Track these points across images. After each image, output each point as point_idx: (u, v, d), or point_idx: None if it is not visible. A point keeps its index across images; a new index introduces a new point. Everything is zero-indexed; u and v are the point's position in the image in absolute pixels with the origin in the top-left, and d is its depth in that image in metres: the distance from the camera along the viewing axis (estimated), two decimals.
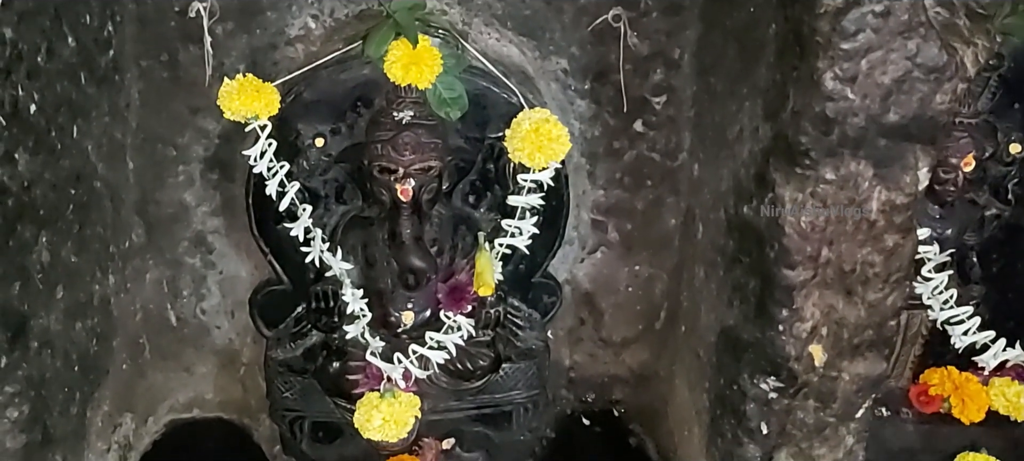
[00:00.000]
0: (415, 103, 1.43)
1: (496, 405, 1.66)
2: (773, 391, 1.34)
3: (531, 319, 1.66)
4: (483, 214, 1.56)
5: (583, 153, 1.69)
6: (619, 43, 1.56)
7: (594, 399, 1.91)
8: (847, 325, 1.30)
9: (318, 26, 1.55)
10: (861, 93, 1.14)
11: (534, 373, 1.67)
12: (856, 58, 1.11)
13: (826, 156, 1.18)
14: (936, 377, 1.77)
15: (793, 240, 1.23)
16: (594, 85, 1.62)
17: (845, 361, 1.32)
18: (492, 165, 1.53)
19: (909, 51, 1.12)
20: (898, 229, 1.23)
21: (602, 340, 1.87)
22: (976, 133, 1.54)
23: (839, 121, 1.15)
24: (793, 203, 1.21)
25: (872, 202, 1.21)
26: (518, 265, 1.62)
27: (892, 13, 1.09)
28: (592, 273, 1.81)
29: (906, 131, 1.16)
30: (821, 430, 1.37)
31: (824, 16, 1.10)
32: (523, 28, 1.57)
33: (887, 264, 1.25)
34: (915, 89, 1.14)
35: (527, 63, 1.60)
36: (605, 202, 1.74)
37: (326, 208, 1.53)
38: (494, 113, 1.50)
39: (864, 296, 1.27)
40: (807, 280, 1.26)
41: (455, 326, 1.53)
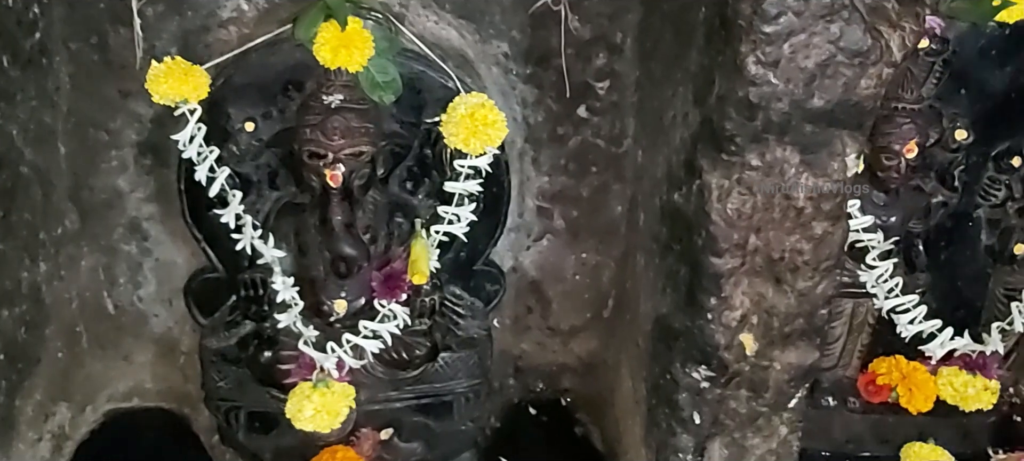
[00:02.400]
0: (346, 87, 1.41)
1: (436, 395, 1.64)
2: (705, 380, 1.32)
3: (473, 308, 1.64)
4: (421, 200, 1.54)
5: (527, 139, 1.66)
6: (560, 27, 1.53)
7: (542, 388, 1.89)
8: (777, 314, 1.28)
9: (251, 8, 1.52)
10: (784, 78, 1.11)
11: (475, 362, 1.64)
12: (778, 42, 1.09)
13: (751, 142, 1.15)
14: (884, 366, 1.75)
15: (720, 227, 1.20)
16: (536, 70, 1.60)
17: (776, 350, 1.30)
18: (429, 150, 1.51)
19: (832, 35, 1.10)
20: (827, 216, 1.20)
21: (550, 328, 1.85)
22: (919, 119, 1.52)
23: (763, 106, 1.13)
24: (719, 190, 1.19)
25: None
26: (459, 253, 1.59)
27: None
28: (539, 261, 1.78)
29: (832, 116, 1.14)
30: (754, 420, 1.35)
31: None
32: (462, 11, 1.54)
33: (816, 252, 1.23)
34: (839, 74, 1.12)
35: (467, 47, 1.57)
36: (550, 189, 1.71)
37: (259, 194, 1.51)
38: (430, 97, 1.47)
39: (794, 284, 1.25)
40: (735, 268, 1.24)
41: (390, 315, 1.51)
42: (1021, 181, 1.63)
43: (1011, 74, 1.55)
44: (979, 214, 1.66)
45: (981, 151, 1.61)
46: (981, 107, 1.57)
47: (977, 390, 1.70)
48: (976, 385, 1.70)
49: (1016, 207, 1.65)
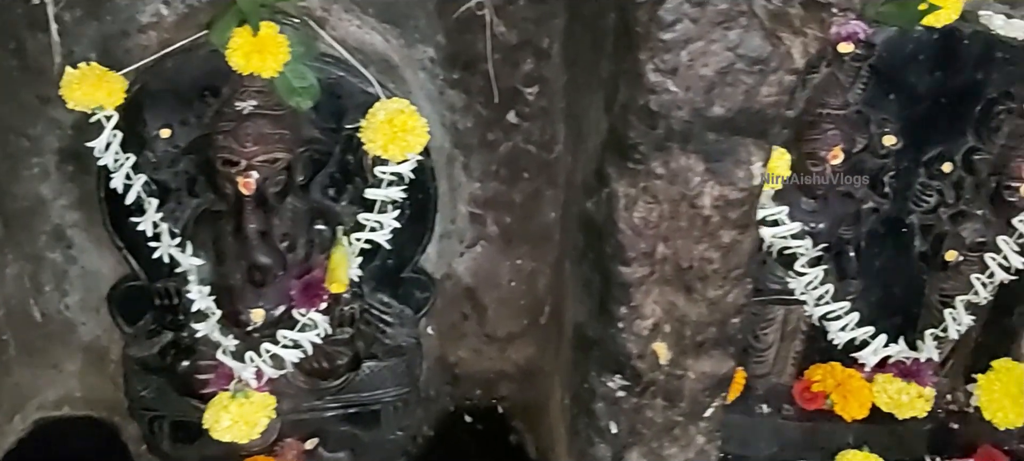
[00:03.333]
0: (260, 93, 1.39)
1: (363, 404, 1.62)
2: (620, 390, 1.31)
3: (402, 315, 1.62)
4: (344, 207, 1.52)
5: (456, 144, 1.65)
6: (486, 32, 1.52)
7: (479, 396, 1.87)
8: (689, 323, 1.26)
9: (170, 12, 1.50)
10: (684, 85, 1.10)
11: (404, 371, 1.63)
12: (676, 49, 1.07)
13: (655, 150, 1.14)
14: (819, 373, 1.75)
15: (627, 236, 1.19)
16: (463, 74, 1.58)
17: (690, 359, 1.29)
18: (351, 157, 1.49)
19: (730, 41, 1.08)
20: (734, 225, 1.19)
21: (487, 336, 1.84)
22: (844, 125, 1.51)
23: (663, 114, 1.11)
24: (626, 198, 1.17)
25: (705, 197, 1.17)
26: (386, 260, 1.58)
27: (710, 2, 1.05)
28: (473, 267, 1.77)
29: (734, 124, 1.12)
30: (670, 429, 1.34)
31: (643, 6, 1.06)
32: (385, 15, 1.52)
33: (725, 261, 1.21)
34: (739, 81, 1.10)
35: (392, 51, 1.55)
36: (482, 195, 1.69)
37: (178, 201, 1.49)
38: (350, 103, 1.45)
39: (704, 293, 1.24)
40: (645, 277, 1.22)
41: (311, 324, 1.49)
42: (953, 187, 1.62)
43: (940, 79, 1.53)
44: (912, 220, 1.64)
45: (912, 157, 1.59)
46: (910, 112, 1.55)
47: (911, 397, 1.69)
48: (910, 392, 1.69)
49: (949, 213, 1.63)
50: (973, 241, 1.62)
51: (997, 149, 1.57)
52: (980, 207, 1.61)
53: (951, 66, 1.52)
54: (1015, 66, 1.52)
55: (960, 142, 1.58)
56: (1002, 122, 1.55)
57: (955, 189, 1.62)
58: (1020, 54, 1.52)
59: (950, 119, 1.56)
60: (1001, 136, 1.56)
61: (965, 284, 1.64)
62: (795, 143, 1.51)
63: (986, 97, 1.55)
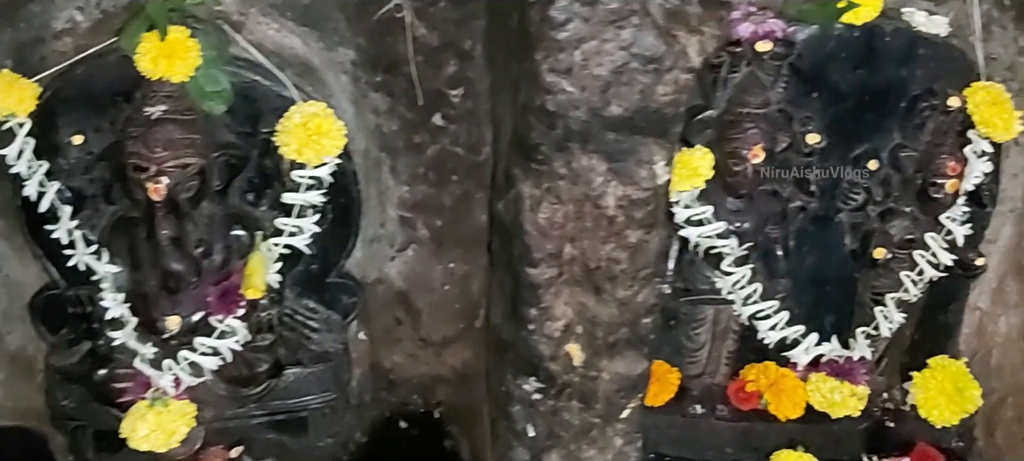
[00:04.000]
0: (169, 98, 1.37)
1: (289, 411, 1.61)
2: (536, 392, 1.30)
3: (329, 321, 1.61)
4: (264, 212, 1.50)
5: (382, 147, 1.63)
6: (406, 34, 1.51)
7: (416, 401, 1.86)
8: (601, 323, 1.25)
9: (85, 18, 1.48)
10: (579, 85, 1.09)
11: (331, 377, 1.61)
12: (569, 49, 1.06)
13: (556, 151, 1.13)
14: (753, 373, 1.74)
15: (533, 237, 1.18)
16: (386, 77, 1.57)
17: (604, 360, 1.28)
18: (269, 161, 1.47)
19: (624, 40, 1.07)
20: (640, 225, 1.18)
21: (422, 340, 1.82)
22: (764, 124, 1.50)
23: (561, 114, 1.10)
24: (531, 199, 1.16)
25: (608, 197, 1.16)
26: (310, 265, 1.56)
27: (601, 1, 1.04)
28: (405, 271, 1.75)
29: (633, 124, 1.11)
30: (588, 431, 1.33)
31: (534, 6, 1.05)
32: (304, 18, 1.51)
33: (633, 261, 1.20)
34: (635, 81, 1.09)
35: (312, 55, 1.53)
36: (411, 198, 1.68)
37: (95, 208, 1.47)
38: (266, 107, 1.44)
39: (614, 293, 1.23)
40: (554, 278, 1.21)
41: (229, 330, 1.47)
42: (881, 184, 1.61)
43: (863, 76, 1.53)
44: (841, 218, 1.64)
45: (839, 155, 1.59)
46: (835, 110, 1.55)
47: (843, 396, 1.68)
48: (843, 391, 1.68)
49: (878, 211, 1.63)
50: (902, 238, 1.61)
51: (923, 146, 1.56)
52: (908, 204, 1.61)
53: (874, 64, 1.51)
54: (938, 63, 1.52)
55: (886, 139, 1.58)
56: (926, 119, 1.54)
57: (883, 186, 1.61)
58: (942, 50, 1.52)
59: (875, 116, 1.56)
60: (926, 133, 1.55)
61: (896, 282, 1.64)
62: (717, 143, 1.51)
63: (910, 94, 1.54)
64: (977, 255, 1.65)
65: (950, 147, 1.54)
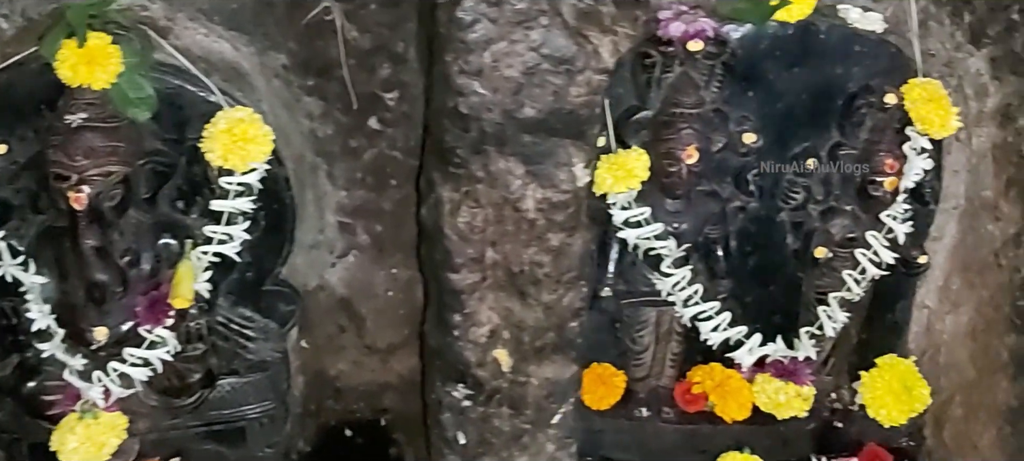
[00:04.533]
0: (91, 105, 1.35)
1: (227, 421, 1.58)
2: (465, 399, 1.28)
3: (266, 329, 1.58)
4: (195, 220, 1.48)
5: (318, 152, 1.61)
6: (337, 36, 1.49)
7: (363, 409, 1.84)
8: (527, 328, 1.24)
9: (10, 26, 1.45)
10: (491, 87, 1.07)
11: (268, 386, 1.59)
12: (478, 51, 1.05)
13: (472, 154, 1.11)
14: (699, 375, 1.72)
15: (453, 242, 1.16)
16: (319, 81, 1.55)
17: (531, 365, 1.26)
18: (198, 168, 1.45)
19: (533, 42, 1.06)
20: (561, 228, 1.16)
21: (367, 347, 1.80)
22: (697, 124, 1.49)
23: (474, 117, 1.09)
24: (451, 203, 1.14)
25: (528, 200, 1.14)
26: (244, 273, 1.54)
27: (507, 2, 1.03)
28: (346, 278, 1.73)
29: (548, 126, 1.10)
30: (519, 438, 1.31)
31: (442, 7, 1.04)
32: (232, 23, 1.49)
33: (556, 264, 1.19)
34: (547, 82, 1.08)
35: (243, 59, 1.51)
36: (349, 203, 1.66)
37: (23, 218, 1.44)
38: (193, 113, 1.42)
39: (539, 297, 1.21)
40: (477, 283, 1.19)
41: (159, 341, 1.45)
42: (821, 183, 1.60)
43: (800, 75, 1.51)
44: (782, 218, 1.62)
45: (777, 154, 1.57)
46: (771, 109, 1.53)
47: (789, 397, 1.67)
48: (788, 392, 1.67)
49: (819, 209, 1.62)
50: (843, 237, 1.60)
51: (861, 144, 1.55)
52: (849, 203, 1.60)
53: (810, 62, 1.50)
54: (874, 59, 1.51)
55: (825, 138, 1.57)
56: (864, 116, 1.53)
57: (823, 185, 1.60)
58: (878, 47, 1.51)
59: (813, 115, 1.55)
60: (864, 130, 1.54)
61: (839, 281, 1.62)
62: (653, 144, 1.49)
63: (847, 92, 1.53)
64: (920, 253, 1.64)
65: (888, 145, 1.53)
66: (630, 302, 1.64)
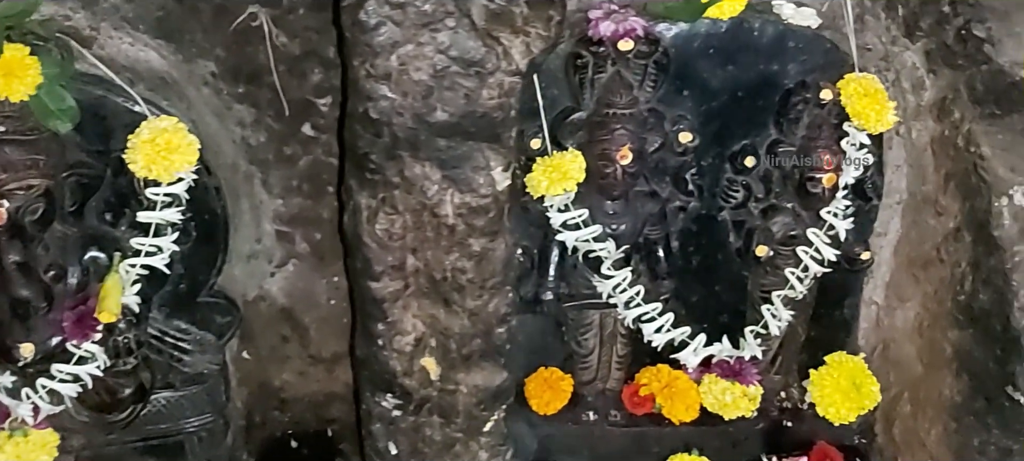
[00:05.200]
0: (9, 118, 1.32)
1: (164, 435, 1.56)
2: (395, 409, 1.26)
3: (202, 342, 1.56)
4: (124, 232, 1.45)
5: (252, 161, 1.59)
6: (266, 43, 1.47)
7: (309, 419, 1.81)
8: (453, 336, 1.22)
9: None
10: (400, 91, 1.05)
11: (206, 399, 1.57)
12: (384, 54, 1.03)
13: (387, 160, 1.09)
14: (646, 376, 1.71)
15: (373, 250, 1.14)
16: (249, 88, 1.52)
17: (460, 373, 1.24)
18: (124, 179, 1.42)
19: (441, 44, 1.04)
20: (483, 233, 1.15)
21: (311, 357, 1.78)
22: (631, 124, 1.47)
23: (385, 121, 1.07)
24: (368, 210, 1.12)
25: (446, 206, 1.12)
26: (178, 285, 1.52)
27: (411, 3, 1.01)
28: (286, 287, 1.71)
29: (462, 129, 1.08)
30: (451, 447, 1.29)
31: (346, 10, 1.02)
32: (159, 31, 1.47)
33: (479, 270, 1.17)
34: (458, 85, 1.06)
35: (170, 67, 1.49)
36: (286, 212, 1.64)
37: None
38: (117, 123, 1.39)
39: (463, 304, 1.19)
40: (399, 291, 1.17)
41: (88, 356, 1.42)
42: (761, 181, 1.58)
43: (735, 72, 1.50)
44: (724, 216, 1.61)
45: (716, 152, 1.56)
46: (708, 108, 1.52)
47: (735, 397, 1.66)
48: (734, 392, 1.66)
49: (760, 208, 1.60)
50: (784, 235, 1.59)
51: (799, 140, 1.54)
52: (789, 200, 1.58)
53: (744, 59, 1.49)
54: (810, 55, 1.50)
55: (763, 135, 1.55)
56: (801, 113, 1.52)
57: (764, 183, 1.58)
58: (813, 43, 1.49)
59: (750, 112, 1.53)
60: (801, 127, 1.53)
61: (783, 279, 1.61)
62: (588, 145, 1.48)
63: (783, 88, 1.51)
64: (864, 249, 1.63)
65: (826, 141, 1.52)
66: (573, 305, 1.62)
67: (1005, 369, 1.43)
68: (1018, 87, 1.33)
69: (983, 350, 1.46)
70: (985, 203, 1.40)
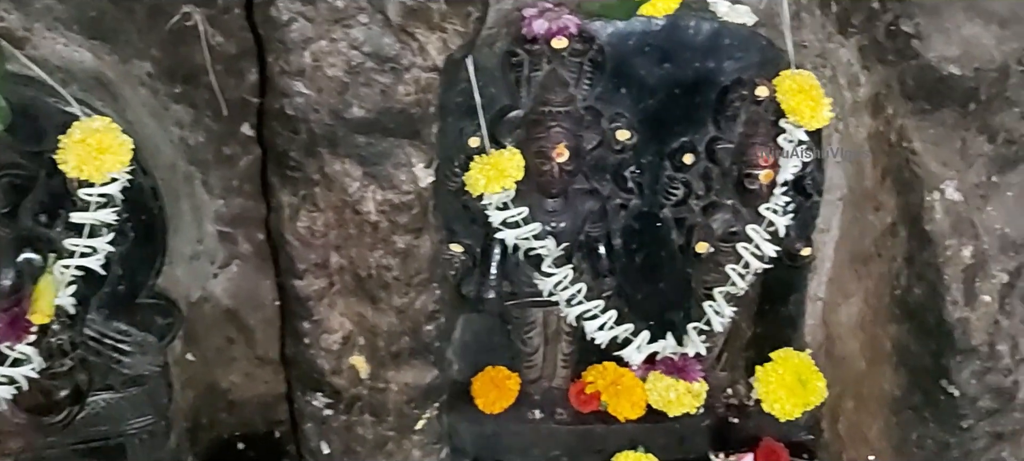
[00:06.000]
0: None
1: (104, 438, 1.55)
2: (326, 408, 1.26)
3: (143, 343, 1.55)
4: (59, 233, 1.44)
5: (191, 161, 1.58)
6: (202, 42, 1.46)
7: (257, 421, 1.81)
8: (381, 333, 1.22)
9: None
10: (315, 88, 1.05)
11: (146, 401, 1.56)
12: (297, 50, 1.03)
13: (307, 157, 1.09)
14: (592, 374, 1.71)
15: (296, 248, 1.14)
16: (186, 88, 1.52)
17: (390, 371, 1.24)
18: (58, 180, 1.42)
19: (354, 40, 1.04)
20: (406, 230, 1.14)
21: (258, 358, 1.77)
22: (567, 122, 1.47)
23: (301, 118, 1.06)
24: (290, 207, 1.12)
25: (368, 203, 1.12)
26: (117, 286, 1.51)
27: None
28: (231, 288, 1.70)
29: (380, 126, 1.08)
30: (383, 446, 1.29)
31: (259, 7, 1.02)
32: (93, 31, 1.46)
33: (404, 267, 1.16)
34: (374, 81, 1.06)
35: (106, 68, 1.48)
36: (228, 212, 1.63)
37: None
38: (50, 124, 1.39)
39: (390, 302, 1.19)
40: (324, 289, 1.17)
41: (24, 358, 1.41)
42: (702, 178, 1.59)
43: (672, 70, 1.51)
44: (666, 214, 1.61)
45: (656, 150, 1.56)
46: (646, 106, 1.53)
47: (679, 394, 1.66)
48: (678, 389, 1.66)
49: (701, 205, 1.61)
50: (725, 231, 1.60)
51: (737, 137, 1.54)
52: (729, 197, 1.59)
53: (680, 56, 1.50)
54: (745, 52, 1.50)
55: (702, 132, 1.56)
56: (738, 110, 1.53)
57: (704, 180, 1.59)
58: (749, 40, 1.50)
59: (688, 110, 1.54)
60: (739, 124, 1.54)
61: (725, 275, 1.61)
62: (525, 142, 1.48)
63: (720, 86, 1.52)
64: (805, 245, 1.63)
65: (763, 138, 1.52)
66: (516, 303, 1.62)
67: (940, 363, 1.44)
68: (946, 82, 1.34)
69: (919, 344, 1.47)
70: (917, 198, 1.41)
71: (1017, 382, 1.42)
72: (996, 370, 1.40)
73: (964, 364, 1.39)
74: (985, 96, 1.37)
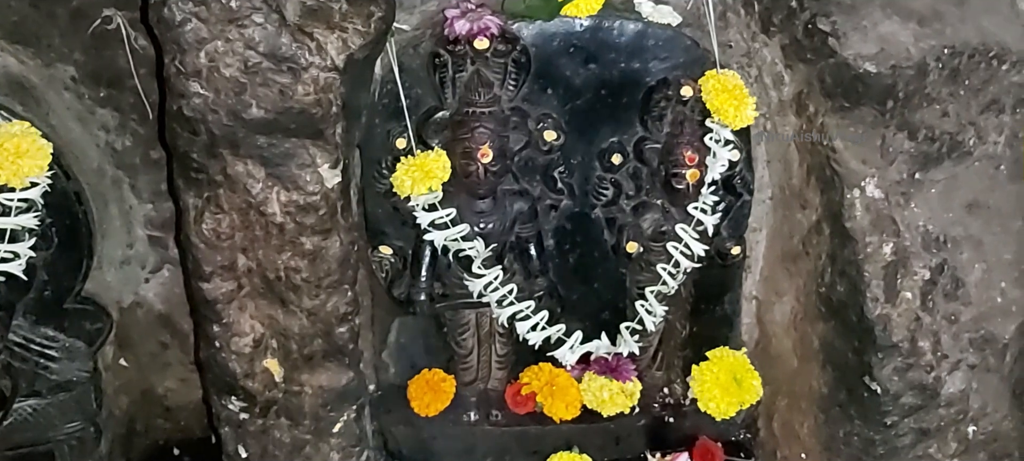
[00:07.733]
0: None
1: (32, 444, 1.54)
2: (242, 412, 1.25)
3: (71, 349, 1.54)
4: None
5: (118, 165, 1.58)
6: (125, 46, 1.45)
7: (194, 426, 1.80)
8: (293, 336, 1.21)
9: None
10: (212, 88, 1.05)
11: (75, 407, 1.55)
12: (192, 51, 1.02)
13: (208, 158, 1.08)
14: (528, 375, 1.71)
15: (201, 250, 1.13)
16: (111, 92, 1.51)
17: (304, 374, 1.23)
18: None
19: (250, 40, 1.03)
20: (314, 231, 1.14)
21: (193, 363, 1.75)
22: (491, 123, 1.47)
23: (200, 119, 1.06)
24: (195, 210, 1.11)
25: (273, 204, 1.12)
26: (43, 292, 1.50)
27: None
28: (162, 293, 1.69)
29: (281, 126, 1.07)
30: (301, 449, 1.28)
31: (153, 7, 1.01)
32: (14, 35, 1.45)
33: (313, 269, 1.16)
34: (271, 81, 1.05)
35: (29, 72, 1.48)
36: (157, 216, 1.62)
37: None
38: None
39: (300, 304, 1.19)
40: (233, 292, 1.17)
41: None
42: (631, 177, 1.59)
43: (597, 70, 1.51)
44: (597, 214, 1.62)
45: (585, 150, 1.57)
46: (573, 106, 1.53)
47: (612, 394, 1.66)
48: (611, 389, 1.66)
49: (632, 205, 1.61)
50: (655, 231, 1.60)
51: (664, 137, 1.55)
52: (658, 197, 1.59)
53: (605, 57, 1.50)
54: (670, 53, 1.51)
55: (630, 133, 1.56)
56: (664, 110, 1.53)
57: (634, 180, 1.59)
58: (673, 40, 1.51)
59: (615, 110, 1.54)
60: (665, 124, 1.54)
61: (658, 275, 1.61)
62: (452, 143, 1.48)
63: (646, 85, 1.52)
64: (735, 244, 1.64)
65: (689, 137, 1.53)
66: (447, 305, 1.62)
67: (863, 360, 1.44)
68: (863, 80, 1.34)
69: (843, 341, 1.48)
70: (838, 196, 1.42)
71: (940, 378, 1.43)
72: (918, 367, 1.40)
73: (886, 361, 1.40)
74: (903, 93, 1.37)
